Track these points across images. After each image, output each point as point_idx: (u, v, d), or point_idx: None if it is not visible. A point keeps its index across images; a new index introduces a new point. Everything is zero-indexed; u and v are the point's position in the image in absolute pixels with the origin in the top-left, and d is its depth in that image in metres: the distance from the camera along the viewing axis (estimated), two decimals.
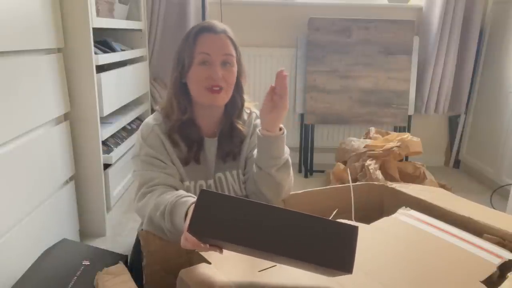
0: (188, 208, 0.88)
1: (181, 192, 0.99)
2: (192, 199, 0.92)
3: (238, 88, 1.14)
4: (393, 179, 1.79)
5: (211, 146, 1.14)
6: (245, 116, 1.20)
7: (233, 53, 1.08)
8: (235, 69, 1.10)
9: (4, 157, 1.15)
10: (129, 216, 1.91)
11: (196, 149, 1.11)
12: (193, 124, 1.12)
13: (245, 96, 1.19)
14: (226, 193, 1.16)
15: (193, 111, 1.13)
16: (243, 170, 1.18)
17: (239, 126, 1.16)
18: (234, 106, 1.15)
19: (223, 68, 1.06)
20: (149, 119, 1.13)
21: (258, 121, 1.21)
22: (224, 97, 1.09)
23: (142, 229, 1.01)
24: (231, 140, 1.15)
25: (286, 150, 1.08)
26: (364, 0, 2.54)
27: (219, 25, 1.09)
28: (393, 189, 1.29)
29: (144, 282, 0.94)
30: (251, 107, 1.23)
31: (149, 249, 0.93)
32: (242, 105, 1.18)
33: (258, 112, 1.24)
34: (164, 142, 1.08)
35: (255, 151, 1.09)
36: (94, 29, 1.53)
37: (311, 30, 2.39)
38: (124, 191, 1.94)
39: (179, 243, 0.80)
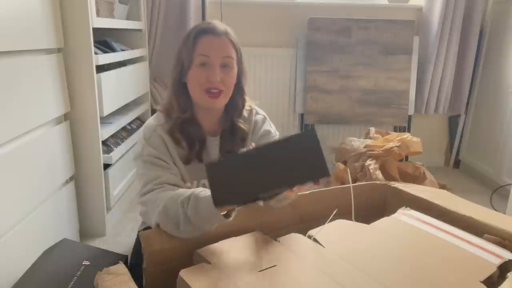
0: None
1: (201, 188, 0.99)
2: None
3: (239, 89, 1.15)
4: (393, 179, 1.79)
5: (213, 145, 1.15)
6: (245, 113, 1.20)
7: (233, 55, 1.08)
8: (235, 71, 1.10)
9: (4, 157, 1.15)
10: (129, 216, 1.91)
11: (198, 148, 1.12)
12: (195, 123, 1.12)
13: (246, 98, 1.19)
14: None
15: (194, 110, 1.13)
16: None
17: (241, 125, 1.16)
18: (235, 107, 1.16)
19: (222, 71, 1.06)
20: (150, 121, 1.13)
21: (258, 117, 1.22)
22: (222, 100, 1.10)
23: (143, 229, 1.01)
24: (233, 138, 1.16)
25: None
26: (364, 0, 2.54)
27: (220, 26, 1.08)
28: (395, 188, 1.29)
29: (144, 283, 0.94)
30: (251, 104, 1.23)
31: (149, 250, 0.93)
32: (243, 106, 1.18)
33: (258, 109, 1.25)
34: (167, 142, 1.08)
35: None
36: (94, 29, 1.53)
37: (311, 30, 2.39)
38: (124, 191, 1.94)
39: (180, 244, 0.80)
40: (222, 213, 0.88)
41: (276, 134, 1.23)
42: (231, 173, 0.79)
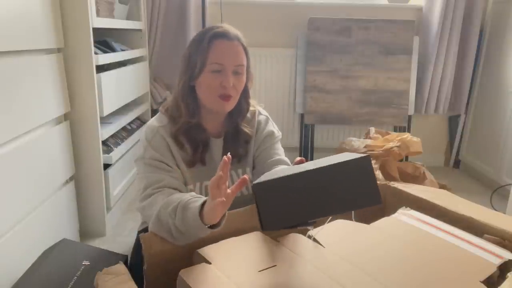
0: (201, 203, 0.86)
1: (194, 193, 0.98)
2: (205, 198, 0.90)
3: (245, 92, 1.15)
4: (393, 179, 1.79)
5: (216, 147, 1.15)
6: (249, 114, 1.21)
7: (244, 62, 1.09)
8: (245, 76, 1.11)
9: (4, 157, 1.15)
10: (129, 216, 1.91)
11: (202, 150, 1.11)
12: (200, 126, 1.12)
13: (252, 101, 1.20)
14: None
15: (200, 113, 1.13)
16: (251, 168, 1.19)
17: (245, 129, 1.17)
18: (240, 110, 1.16)
19: (234, 77, 1.07)
20: (153, 122, 1.12)
21: (261, 118, 1.22)
22: (232, 104, 1.11)
23: (143, 228, 1.00)
24: (237, 141, 1.16)
25: None
26: (364, 0, 2.54)
27: (232, 31, 1.09)
28: (395, 188, 1.29)
29: (145, 285, 0.93)
30: (254, 104, 1.23)
31: (150, 252, 0.93)
32: (247, 110, 1.19)
33: (261, 109, 1.25)
34: (170, 144, 1.08)
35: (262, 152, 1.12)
36: (94, 29, 1.53)
37: (311, 30, 2.39)
38: (124, 191, 1.94)
39: (181, 245, 0.80)
40: (210, 224, 0.86)
41: (279, 134, 1.23)
42: (281, 196, 0.77)
